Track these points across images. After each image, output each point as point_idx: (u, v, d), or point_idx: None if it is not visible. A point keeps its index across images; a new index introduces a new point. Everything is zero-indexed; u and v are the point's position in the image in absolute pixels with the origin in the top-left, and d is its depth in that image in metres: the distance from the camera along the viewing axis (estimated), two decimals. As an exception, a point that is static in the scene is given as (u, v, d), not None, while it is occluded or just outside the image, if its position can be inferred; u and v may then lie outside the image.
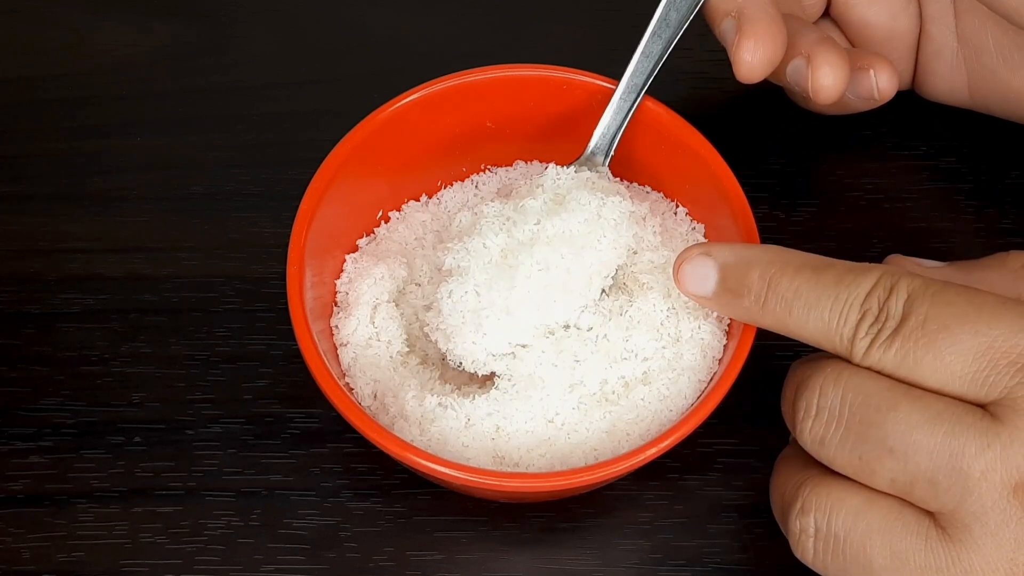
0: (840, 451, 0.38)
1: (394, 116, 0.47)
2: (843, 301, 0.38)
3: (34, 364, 0.50)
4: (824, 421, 0.38)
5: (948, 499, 0.37)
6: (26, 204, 0.54)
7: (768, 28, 0.47)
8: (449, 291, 0.44)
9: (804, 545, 0.39)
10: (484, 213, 0.46)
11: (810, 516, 0.39)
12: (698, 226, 0.49)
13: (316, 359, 0.42)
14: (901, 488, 0.38)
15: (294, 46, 0.59)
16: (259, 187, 0.54)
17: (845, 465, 0.38)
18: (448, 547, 0.46)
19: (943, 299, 0.37)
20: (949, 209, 0.53)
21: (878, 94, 0.50)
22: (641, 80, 0.47)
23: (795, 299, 0.39)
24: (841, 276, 0.39)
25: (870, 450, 0.38)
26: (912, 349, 0.37)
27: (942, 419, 0.37)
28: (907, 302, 0.38)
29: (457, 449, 0.43)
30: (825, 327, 0.39)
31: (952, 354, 0.37)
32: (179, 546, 0.46)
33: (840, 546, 0.38)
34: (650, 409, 0.44)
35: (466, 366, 0.44)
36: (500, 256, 0.44)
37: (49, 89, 0.58)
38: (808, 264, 0.40)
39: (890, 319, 0.38)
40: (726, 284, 0.41)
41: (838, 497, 0.39)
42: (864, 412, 0.38)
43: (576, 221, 0.45)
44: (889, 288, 0.38)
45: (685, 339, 0.45)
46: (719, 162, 0.47)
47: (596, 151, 0.48)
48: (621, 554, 0.46)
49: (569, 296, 0.44)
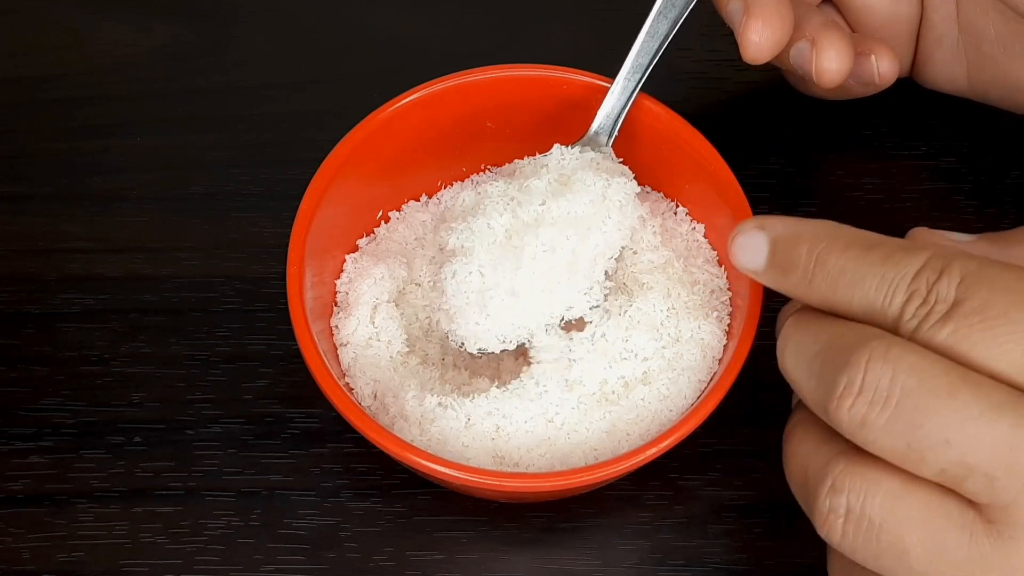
0: (885, 435, 0.35)
1: (394, 116, 0.47)
2: (889, 280, 0.36)
3: (34, 364, 0.50)
4: (868, 401, 0.35)
5: (1004, 494, 0.34)
6: (26, 204, 0.54)
7: (776, 8, 0.47)
8: (453, 271, 0.44)
9: (832, 525, 0.37)
10: (488, 193, 0.45)
11: (842, 496, 0.36)
12: (698, 226, 0.49)
13: (316, 359, 0.42)
14: (951, 479, 0.35)
15: (294, 46, 0.59)
16: (259, 187, 0.54)
17: (889, 450, 0.35)
18: (448, 547, 0.46)
19: (1002, 284, 0.35)
20: (949, 209, 0.53)
21: (879, 79, 0.50)
22: (646, 60, 0.47)
23: (840, 276, 0.37)
24: (890, 254, 0.37)
25: (923, 438, 0.35)
26: (967, 334, 0.35)
27: (1004, 409, 0.34)
28: (961, 285, 0.36)
29: (457, 449, 0.43)
30: (870, 306, 0.37)
31: (1011, 342, 0.35)
32: (179, 546, 0.46)
33: (875, 532, 0.36)
34: (650, 409, 0.44)
35: (468, 347, 0.44)
36: (505, 237, 0.44)
37: (49, 89, 0.58)
38: (858, 241, 0.38)
39: (940, 302, 0.36)
40: (776, 259, 0.39)
41: (875, 477, 0.36)
42: (919, 397, 0.35)
43: (581, 202, 0.44)
44: (939, 270, 0.36)
45: (685, 339, 0.45)
46: (719, 162, 0.47)
47: (600, 131, 0.48)
48: (621, 554, 0.46)
49: (574, 278, 0.44)
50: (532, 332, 0.44)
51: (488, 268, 0.44)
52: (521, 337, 0.44)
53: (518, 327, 0.44)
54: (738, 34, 0.47)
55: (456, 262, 0.44)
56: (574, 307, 0.44)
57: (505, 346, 0.44)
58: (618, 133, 0.47)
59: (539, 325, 0.44)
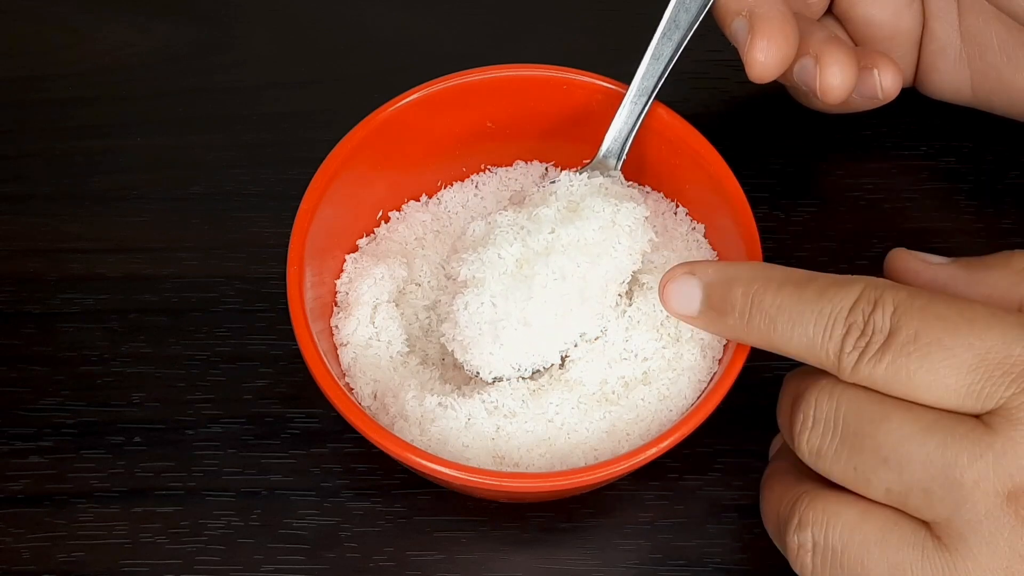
0: (836, 462, 0.38)
1: (394, 116, 0.47)
2: (827, 315, 0.38)
3: (34, 364, 0.50)
4: (820, 432, 0.38)
5: (943, 509, 0.37)
6: (26, 204, 0.54)
7: (781, 27, 0.47)
8: (465, 303, 0.44)
9: (803, 561, 0.39)
10: (498, 223, 0.45)
11: (807, 531, 0.39)
12: (698, 226, 0.49)
13: (316, 359, 0.42)
14: (896, 498, 0.37)
15: (294, 46, 0.59)
16: (259, 187, 0.54)
17: (841, 476, 0.38)
18: (448, 547, 0.46)
19: (933, 312, 0.37)
20: (949, 209, 0.53)
21: (882, 93, 0.50)
22: (652, 83, 0.47)
23: (778, 315, 0.39)
24: (824, 290, 0.38)
25: (864, 461, 0.37)
26: (905, 364, 0.37)
27: (934, 429, 0.37)
28: (894, 315, 0.37)
29: (457, 449, 0.43)
30: (810, 343, 0.38)
31: (946, 367, 0.37)
32: (179, 546, 0.46)
33: (838, 559, 0.38)
34: (650, 409, 0.44)
35: (483, 376, 0.44)
36: (515, 266, 0.44)
37: (49, 89, 0.58)
38: (791, 279, 0.39)
39: (877, 333, 0.37)
40: (710, 302, 0.41)
41: (834, 510, 0.38)
42: (858, 424, 0.38)
43: (591, 229, 0.44)
44: (873, 301, 0.38)
45: (685, 339, 0.45)
46: (719, 162, 0.46)
47: (608, 154, 0.48)
48: (621, 554, 0.46)
49: (586, 304, 0.44)
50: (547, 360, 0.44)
51: (500, 298, 0.44)
52: (535, 364, 0.44)
53: (532, 354, 0.44)
54: (743, 53, 0.47)
55: (468, 293, 0.44)
56: (587, 333, 0.45)
57: (520, 373, 0.44)
58: (626, 156, 0.47)
59: (553, 352, 0.44)
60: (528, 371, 0.44)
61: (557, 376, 0.45)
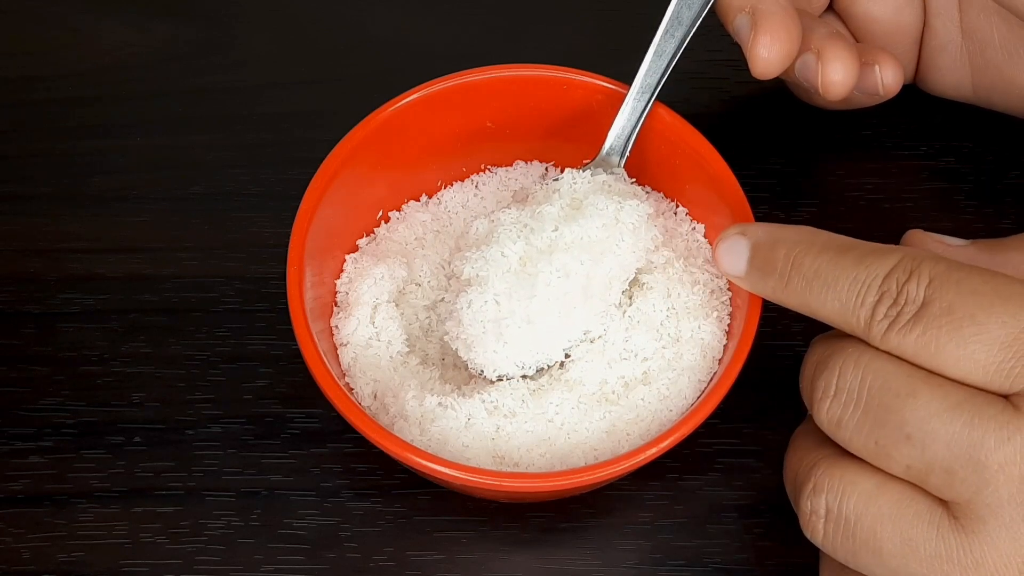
0: (857, 434, 0.38)
1: (394, 116, 0.47)
2: (861, 282, 0.38)
3: (34, 364, 0.50)
4: (842, 402, 0.38)
5: (964, 489, 0.36)
6: (26, 204, 0.54)
7: (784, 23, 0.47)
8: (469, 301, 0.44)
9: (814, 525, 0.39)
10: (501, 221, 0.45)
11: (822, 497, 0.38)
12: (698, 226, 0.49)
13: (316, 359, 0.42)
14: (916, 475, 0.37)
15: (294, 46, 0.59)
16: (259, 187, 0.54)
17: (861, 448, 0.38)
18: (448, 547, 0.46)
19: (969, 286, 0.37)
20: (949, 209, 0.53)
21: (883, 89, 0.50)
22: (655, 79, 0.47)
23: (815, 278, 0.39)
24: (862, 257, 0.38)
25: (887, 435, 0.37)
26: (935, 336, 0.36)
27: (962, 408, 0.36)
28: (929, 287, 0.37)
29: (457, 449, 0.43)
30: (843, 307, 0.38)
31: (977, 343, 0.36)
32: (179, 546, 0.46)
33: (850, 529, 0.38)
34: (650, 409, 0.44)
35: (487, 374, 0.44)
36: (519, 264, 0.44)
37: (49, 89, 0.58)
38: (832, 244, 0.39)
39: (909, 303, 0.37)
40: (755, 263, 0.41)
41: (851, 479, 0.38)
42: (883, 396, 0.37)
43: (594, 226, 0.44)
44: (909, 271, 0.37)
45: (685, 339, 0.45)
46: (719, 162, 0.46)
47: (611, 152, 0.48)
48: (621, 554, 0.46)
49: (589, 302, 0.44)
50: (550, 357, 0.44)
51: (503, 296, 0.44)
52: (539, 362, 0.44)
53: (536, 352, 0.44)
54: (746, 49, 0.47)
55: (471, 291, 0.44)
56: (590, 330, 0.45)
57: (524, 371, 0.44)
58: (629, 153, 0.47)
59: (557, 350, 0.44)
60: (532, 369, 0.44)
61: (557, 376, 0.45)
